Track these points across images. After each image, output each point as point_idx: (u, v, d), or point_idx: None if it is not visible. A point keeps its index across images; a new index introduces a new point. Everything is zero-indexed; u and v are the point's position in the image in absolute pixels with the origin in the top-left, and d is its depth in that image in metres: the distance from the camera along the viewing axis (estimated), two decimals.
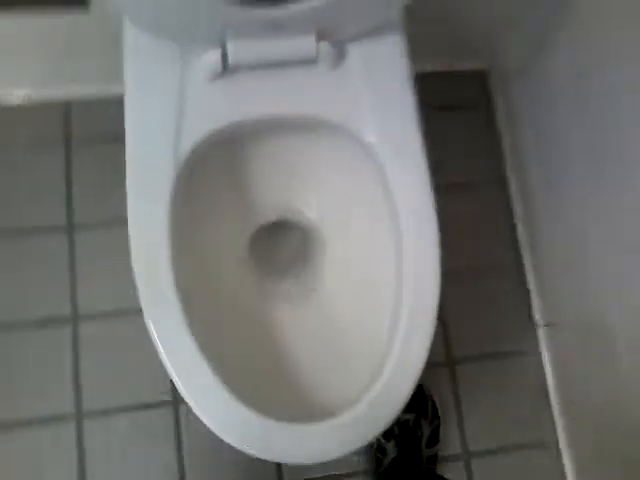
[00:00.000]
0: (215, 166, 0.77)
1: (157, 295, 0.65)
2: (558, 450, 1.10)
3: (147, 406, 1.03)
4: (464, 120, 1.24)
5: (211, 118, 0.72)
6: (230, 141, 0.75)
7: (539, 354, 1.14)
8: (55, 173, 1.11)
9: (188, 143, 0.70)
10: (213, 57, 0.70)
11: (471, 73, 1.26)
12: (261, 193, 0.83)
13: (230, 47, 0.70)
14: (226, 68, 0.71)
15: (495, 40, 1.18)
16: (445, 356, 1.12)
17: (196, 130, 0.71)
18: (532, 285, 1.17)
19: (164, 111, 0.70)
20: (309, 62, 0.73)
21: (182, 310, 0.64)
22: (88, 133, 1.13)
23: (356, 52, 0.76)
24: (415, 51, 0.75)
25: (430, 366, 1.06)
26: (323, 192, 0.85)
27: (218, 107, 0.72)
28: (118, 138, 0.70)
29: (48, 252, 1.07)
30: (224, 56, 0.70)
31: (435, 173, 0.73)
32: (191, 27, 0.67)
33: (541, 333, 1.15)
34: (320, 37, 0.71)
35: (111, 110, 0.74)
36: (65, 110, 1.13)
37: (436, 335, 0.94)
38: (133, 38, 0.70)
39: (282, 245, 0.87)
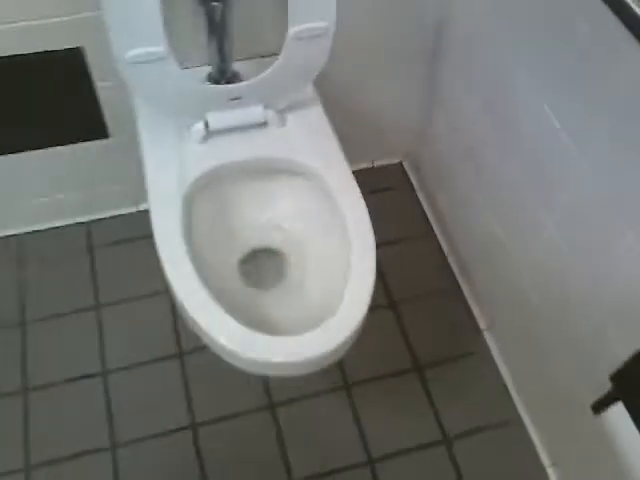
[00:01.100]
0: (207, 202, 1.10)
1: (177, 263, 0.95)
2: (522, 424, 1.31)
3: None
4: (391, 197, 1.63)
5: (199, 165, 1.07)
6: (216, 182, 1.10)
7: (488, 350, 1.40)
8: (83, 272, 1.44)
9: (186, 184, 1.05)
10: (199, 127, 1.09)
11: (389, 165, 1.68)
12: (241, 228, 1.16)
13: (209, 118, 1.08)
14: (208, 133, 1.09)
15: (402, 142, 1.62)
16: (412, 363, 1.37)
17: (191, 174, 1.06)
18: (470, 300, 1.46)
19: (170, 163, 1.07)
20: (262, 125, 1.12)
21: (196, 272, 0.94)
22: (108, 241, 1.48)
23: (292, 117, 1.15)
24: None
25: (402, 372, 1.34)
26: (286, 224, 1.17)
27: (204, 158, 1.08)
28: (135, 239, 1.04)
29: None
30: (206, 125, 1.09)
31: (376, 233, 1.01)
32: (183, 106, 1.06)
33: (485, 335, 1.42)
34: (266, 106, 1.11)
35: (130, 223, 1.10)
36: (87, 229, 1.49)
37: (402, 346, 1.25)
38: (145, 115, 1.09)
39: (263, 263, 1.18)
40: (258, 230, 1.16)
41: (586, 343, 1.02)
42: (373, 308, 1.40)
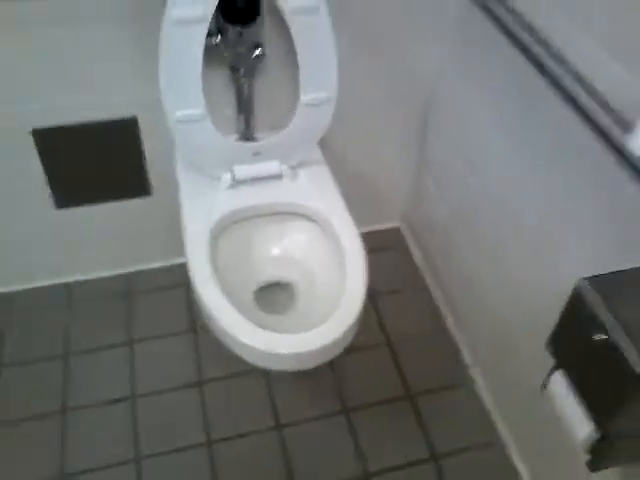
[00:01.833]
0: (231, 238, 1.33)
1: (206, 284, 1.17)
2: (504, 446, 1.46)
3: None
4: (389, 255, 1.87)
5: (225, 207, 1.32)
6: (238, 221, 1.34)
7: (473, 382, 1.57)
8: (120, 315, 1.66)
9: (214, 222, 1.30)
10: (227, 177, 1.35)
11: (388, 229, 1.93)
12: (257, 261, 1.39)
13: (235, 170, 1.35)
14: (234, 182, 1.35)
15: (398, 205, 1.88)
16: (404, 392, 1.54)
17: (217, 214, 1.31)
18: (457, 339, 1.65)
19: (202, 206, 1.32)
20: (278, 177, 1.38)
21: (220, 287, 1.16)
22: (147, 289, 1.71)
23: (303, 173, 1.41)
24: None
25: (395, 400, 1.52)
26: (295, 261, 1.41)
27: (230, 202, 1.34)
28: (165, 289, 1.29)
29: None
30: (232, 175, 1.35)
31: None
32: (215, 159, 1.34)
33: (471, 369, 1.60)
34: (282, 162, 1.38)
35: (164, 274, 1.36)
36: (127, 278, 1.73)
37: (395, 378, 1.51)
38: (184, 170, 1.36)
39: (275, 292, 1.40)
40: (272, 263, 1.39)
41: None
42: (371, 346, 1.62)
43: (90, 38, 1.26)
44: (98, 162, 1.49)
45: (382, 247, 1.87)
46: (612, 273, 0.84)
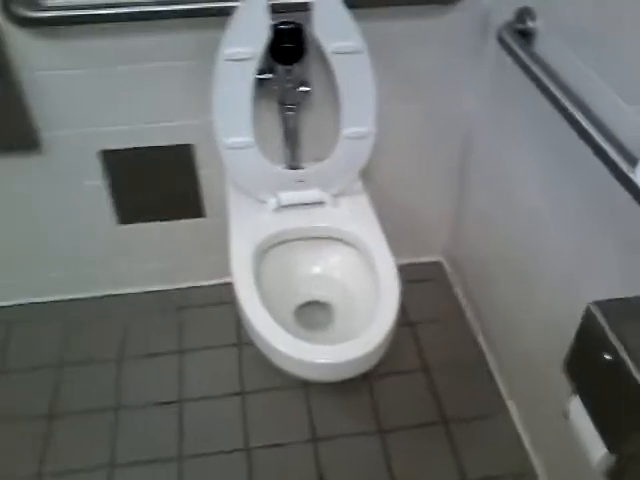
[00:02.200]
0: (274, 258, 1.43)
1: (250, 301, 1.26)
2: (534, 476, 1.47)
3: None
4: (429, 286, 1.92)
5: (269, 229, 1.42)
6: (281, 243, 1.43)
7: (509, 413, 1.59)
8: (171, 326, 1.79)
9: (258, 242, 1.39)
10: (272, 201, 1.45)
11: (429, 262, 1.99)
12: (298, 280, 1.48)
13: (281, 195, 1.45)
14: (279, 206, 1.45)
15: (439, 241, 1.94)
16: (439, 417, 1.58)
17: (262, 235, 1.41)
18: (494, 370, 1.68)
19: (248, 228, 1.42)
20: (320, 203, 1.47)
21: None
22: (199, 304, 1.83)
23: (344, 201, 1.50)
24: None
25: (430, 424, 1.56)
26: (333, 282, 1.48)
27: (274, 224, 1.43)
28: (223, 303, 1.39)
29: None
30: (278, 201, 1.45)
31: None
32: (262, 184, 1.44)
33: (506, 401, 1.61)
34: (323, 189, 1.47)
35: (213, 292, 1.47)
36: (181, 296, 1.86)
37: (431, 403, 1.56)
38: (234, 195, 1.48)
39: (315, 311, 1.48)
40: (311, 283, 1.48)
41: None
42: (409, 371, 1.67)
43: (156, 72, 1.40)
44: (158, 183, 1.62)
45: (423, 279, 1.93)
46: (623, 298, 0.87)
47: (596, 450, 0.92)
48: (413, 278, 1.88)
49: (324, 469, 1.48)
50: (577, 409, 0.97)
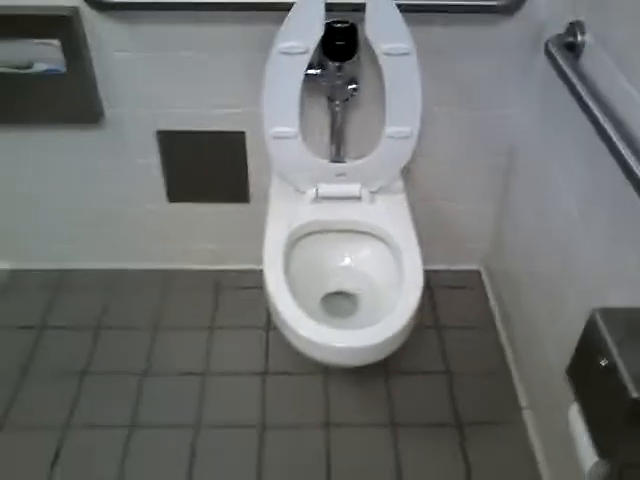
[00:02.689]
0: (304, 248, 1.48)
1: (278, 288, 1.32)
2: None
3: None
4: (464, 293, 1.94)
5: (304, 218, 1.48)
6: (314, 233, 1.49)
7: (524, 424, 1.60)
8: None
9: (292, 229, 1.45)
10: (311, 192, 1.51)
11: (468, 270, 2.01)
12: (326, 271, 1.53)
13: (320, 187, 1.51)
14: (317, 197, 1.51)
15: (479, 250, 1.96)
16: (454, 420, 1.61)
17: (297, 223, 1.47)
18: (516, 380, 1.69)
19: (284, 216, 1.48)
20: (357, 198, 1.52)
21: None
22: (234, 286, 1.91)
23: (381, 199, 1.54)
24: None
25: (443, 425, 1.59)
26: (362, 275, 1.53)
27: (310, 214, 1.49)
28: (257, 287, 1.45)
29: None
30: (317, 192, 1.51)
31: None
32: (303, 174, 1.50)
33: (523, 410, 1.63)
34: (362, 185, 1.52)
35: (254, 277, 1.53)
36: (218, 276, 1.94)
37: (448, 405, 1.59)
38: (275, 183, 1.55)
39: (340, 301, 1.53)
40: (340, 274, 1.53)
41: None
42: (430, 372, 1.70)
43: (216, 60, 1.48)
44: (208, 166, 1.70)
45: (461, 286, 1.96)
46: (630, 307, 0.89)
47: (588, 458, 0.93)
48: (450, 284, 1.94)
49: (333, 454, 1.52)
50: (575, 416, 0.99)
